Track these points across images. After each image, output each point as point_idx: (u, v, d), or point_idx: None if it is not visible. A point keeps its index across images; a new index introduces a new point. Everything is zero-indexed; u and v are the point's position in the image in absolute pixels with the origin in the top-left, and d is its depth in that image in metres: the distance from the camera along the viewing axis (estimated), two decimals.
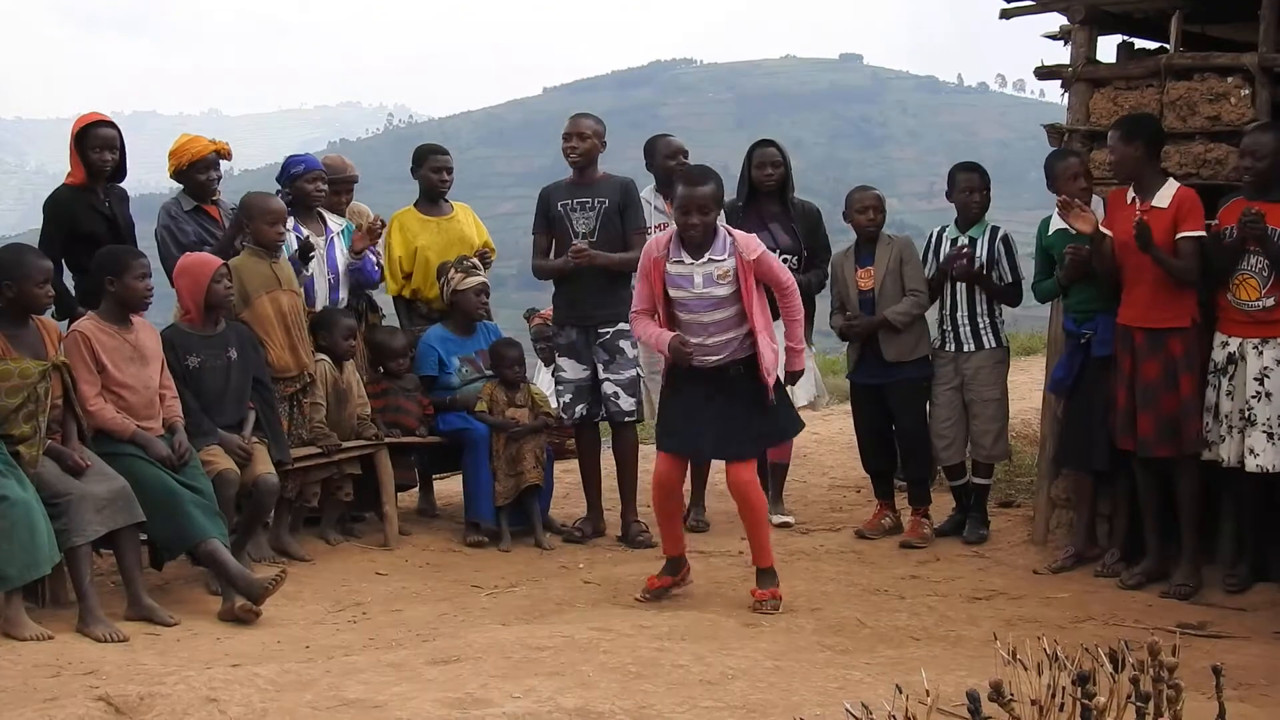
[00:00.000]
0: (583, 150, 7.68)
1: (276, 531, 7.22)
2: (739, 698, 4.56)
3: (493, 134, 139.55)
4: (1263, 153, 6.17)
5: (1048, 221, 7.11)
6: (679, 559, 6.63)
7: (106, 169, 6.90)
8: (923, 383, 7.75)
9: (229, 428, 6.65)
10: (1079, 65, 7.25)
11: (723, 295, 6.22)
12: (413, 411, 7.80)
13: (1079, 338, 6.96)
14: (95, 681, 4.88)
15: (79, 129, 6.86)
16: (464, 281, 7.84)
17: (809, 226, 8.06)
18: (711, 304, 6.23)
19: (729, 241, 6.23)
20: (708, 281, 6.21)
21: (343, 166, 8.20)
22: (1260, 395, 6.22)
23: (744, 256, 6.18)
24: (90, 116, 6.96)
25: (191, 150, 7.32)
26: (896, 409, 7.75)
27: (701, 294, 6.22)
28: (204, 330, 6.70)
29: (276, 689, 4.58)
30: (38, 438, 5.72)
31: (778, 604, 6.27)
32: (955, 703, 4.04)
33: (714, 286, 6.21)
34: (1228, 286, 6.35)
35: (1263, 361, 6.24)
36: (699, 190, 6.13)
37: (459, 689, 4.55)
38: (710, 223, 6.19)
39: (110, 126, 6.94)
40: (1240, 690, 5.00)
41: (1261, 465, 6.23)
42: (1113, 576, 6.81)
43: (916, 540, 7.59)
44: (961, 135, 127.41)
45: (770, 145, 8.13)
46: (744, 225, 7.67)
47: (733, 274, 6.19)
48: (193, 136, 7.49)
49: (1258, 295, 6.25)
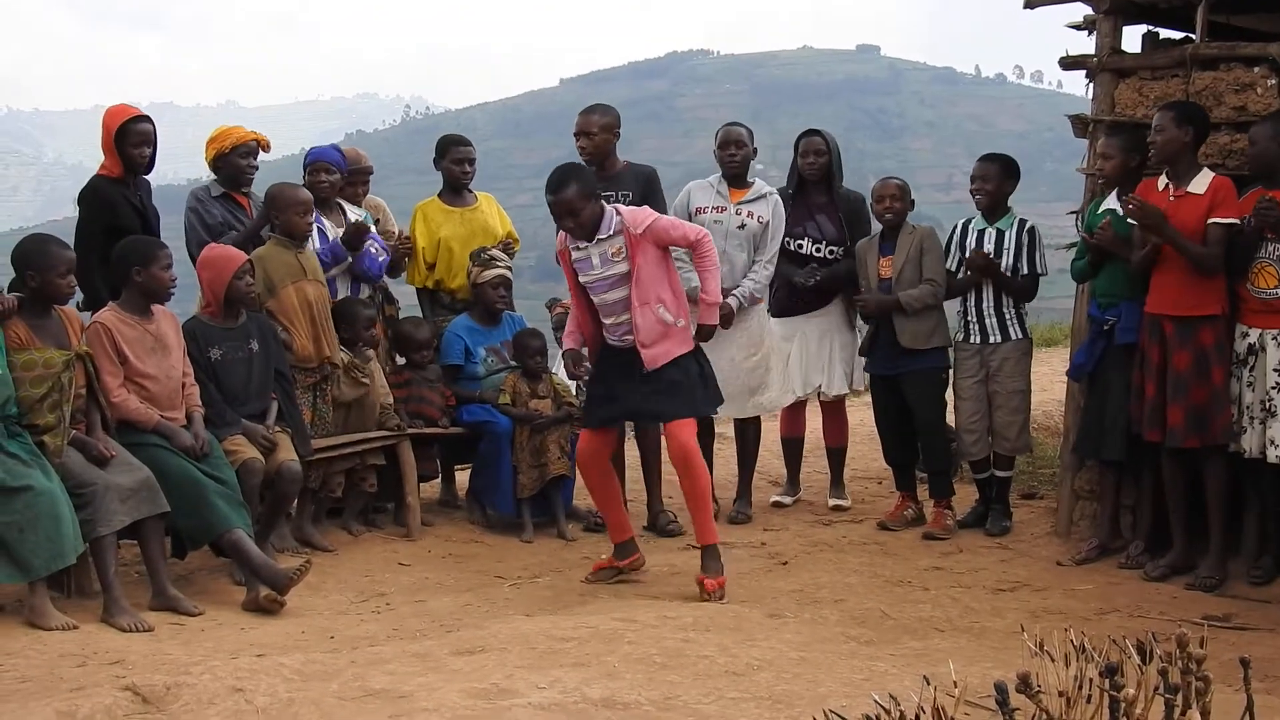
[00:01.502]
0: (592, 148, 7.71)
1: (299, 522, 7.24)
2: (765, 689, 4.55)
3: (509, 125, 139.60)
4: (1255, 139, 6.23)
5: (1099, 203, 7.05)
6: (627, 543, 6.67)
7: (144, 163, 6.94)
8: (938, 374, 7.75)
9: (251, 419, 6.66)
10: (1104, 55, 7.22)
11: (622, 272, 6.31)
12: (435, 402, 7.81)
13: (1102, 324, 6.93)
14: (121, 671, 4.89)
15: (119, 125, 6.84)
16: (482, 274, 7.86)
17: (852, 215, 8.09)
18: (612, 282, 6.34)
19: (616, 219, 6.30)
20: (604, 261, 6.33)
21: (357, 158, 8.18)
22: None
23: (631, 231, 6.25)
24: (126, 111, 6.95)
25: (234, 135, 7.41)
26: (913, 401, 7.73)
27: (601, 275, 6.35)
28: (225, 323, 6.71)
29: (302, 679, 4.58)
30: (62, 427, 5.74)
31: (723, 594, 6.23)
32: (982, 694, 4.04)
33: (610, 265, 6.32)
34: (1246, 275, 6.32)
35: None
36: (560, 197, 6.23)
37: (484, 679, 4.55)
38: (586, 219, 6.27)
39: (147, 121, 6.95)
40: (1266, 683, 4.98)
41: None
42: (1137, 568, 6.78)
43: (939, 532, 7.58)
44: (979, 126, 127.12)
45: (816, 135, 8.18)
46: (791, 215, 7.94)
47: (625, 250, 6.27)
48: (233, 125, 7.54)
49: (1276, 283, 6.21)
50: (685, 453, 6.34)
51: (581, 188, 6.24)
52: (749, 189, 7.85)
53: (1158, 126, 6.48)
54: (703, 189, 7.95)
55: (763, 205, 7.79)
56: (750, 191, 7.84)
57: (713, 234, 7.38)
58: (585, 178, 6.33)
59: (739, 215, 7.76)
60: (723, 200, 7.83)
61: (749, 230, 7.74)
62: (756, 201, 7.80)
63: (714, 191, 7.89)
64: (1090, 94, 7.34)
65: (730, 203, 7.80)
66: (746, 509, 8.17)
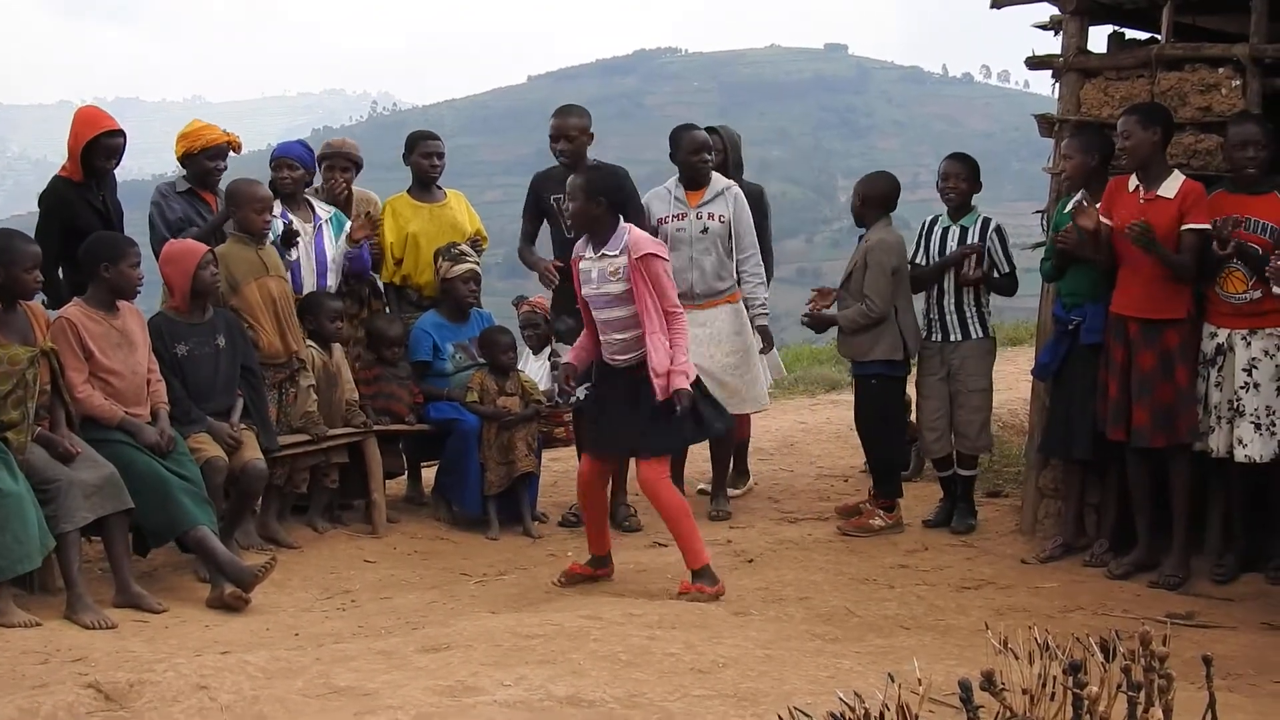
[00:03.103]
0: (571, 150, 7.67)
1: (264, 519, 7.21)
2: (730, 686, 4.56)
3: (477, 122, 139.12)
4: (1263, 141, 6.22)
5: (1065, 202, 7.06)
6: (604, 558, 6.62)
7: (106, 173, 6.93)
8: (884, 383, 7.61)
9: (217, 415, 6.64)
10: (1070, 55, 7.25)
11: (615, 293, 6.21)
12: (403, 399, 7.78)
13: (1067, 324, 6.95)
14: (84, 668, 4.87)
15: (90, 139, 6.77)
16: (452, 270, 7.84)
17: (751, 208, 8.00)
18: (607, 301, 6.24)
19: (625, 239, 6.22)
20: (601, 278, 6.24)
21: (340, 144, 8.19)
22: (1249, 386, 6.25)
23: (632, 253, 6.15)
24: (99, 121, 6.87)
25: (207, 136, 7.35)
26: (857, 401, 7.79)
27: (598, 291, 6.25)
28: (192, 318, 6.68)
29: (267, 676, 4.56)
30: (26, 424, 5.69)
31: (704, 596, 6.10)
32: (946, 692, 4.05)
33: (606, 283, 6.22)
34: (1214, 280, 6.36)
35: (1251, 352, 6.28)
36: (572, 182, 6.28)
37: (449, 677, 4.54)
38: (588, 213, 6.22)
39: (120, 136, 6.92)
40: (1229, 680, 5.02)
41: (1250, 455, 6.25)
42: (1101, 566, 6.82)
43: (852, 529, 7.62)
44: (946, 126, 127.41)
45: (713, 133, 8.20)
46: None
47: (623, 271, 6.17)
48: (208, 124, 7.49)
49: (1244, 288, 6.27)
50: (652, 489, 6.27)
51: (596, 180, 6.28)
52: (705, 189, 7.80)
53: (1124, 131, 6.49)
54: (659, 198, 7.87)
55: (721, 203, 7.75)
56: (708, 191, 7.78)
57: (677, 242, 7.44)
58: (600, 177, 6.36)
59: (700, 219, 7.72)
60: (681, 206, 7.78)
61: (713, 233, 7.71)
62: (714, 200, 7.75)
63: (671, 198, 7.82)
64: (1056, 94, 7.37)
65: (689, 207, 7.74)
66: (724, 506, 8.14)
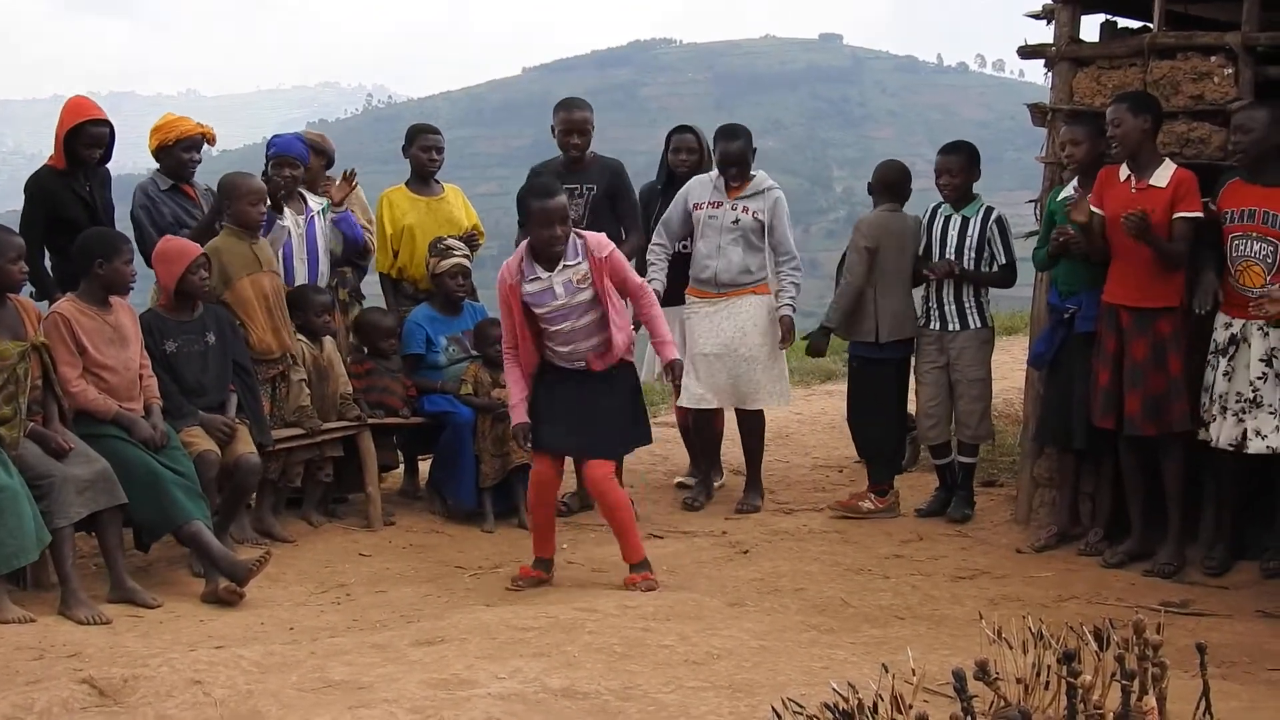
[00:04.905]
0: (584, 145, 7.71)
1: (259, 513, 7.20)
2: (725, 677, 4.57)
3: (472, 114, 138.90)
4: (1250, 126, 6.17)
5: (1059, 190, 7.05)
6: (549, 561, 6.58)
7: (92, 163, 6.92)
8: (864, 364, 7.79)
9: (210, 411, 6.63)
10: (1062, 44, 7.25)
11: (587, 299, 6.21)
12: (397, 392, 7.77)
13: (1062, 313, 6.95)
14: (79, 664, 4.87)
15: (74, 124, 6.79)
16: (440, 264, 7.83)
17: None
18: (579, 310, 6.22)
19: (580, 245, 6.22)
20: (569, 289, 6.19)
21: (319, 140, 8.27)
22: (1267, 377, 6.16)
23: (596, 255, 6.16)
24: (84, 109, 6.90)
25: (180, 128, 7.32)
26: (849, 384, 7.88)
27: (566, 304, 6.21)
28: (180, 316, 6.67)
29: (261, 671, 4.57)
30: (18, 419, 5.69)
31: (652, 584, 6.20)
32: (940, 681, 4.06)
33: (576, 293, 6.20)
34: (1230, 272, 6.31)
35: (1270, 343, 6.15)
36: (556, 203, 6.12)
37: (444, 670, 4.55)
38: (568, 232, 6.19)
39: (104, 125, 6.92)
40: (1223, 668, 5.03)
41: (1272, 446, 6.13)
42: (1095, 555, 6.83)
43: (841, 509, 7.77)
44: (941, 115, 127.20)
45: (688, 132, 8.29)
46: (662, 209, 7.98)
47: (590, 276, 6.18)
48: (180, 116, 7.46)
49: (1263, 282, 6.18)
50: (599, 487, 6.37)
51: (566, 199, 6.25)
52: (748, 184, 7.75)
53: (1114, 119, 6.48)
54: (701, 184, 7.86)
55: (760, 201, 7.70)
56: (749, 187, 7.73)
57: (707, 228, 7.47)
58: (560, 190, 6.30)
59: (734, 210, 7.67)
60: (720, 195, 7.75)
61: (744, 225, 7.65)
62: (754, 197, 7.70)
63: (711, 187, 7.80)
64: (1049, 83, 7.36)
65: (727, 199, 7.72)
66: (756, 500, 8.05)
